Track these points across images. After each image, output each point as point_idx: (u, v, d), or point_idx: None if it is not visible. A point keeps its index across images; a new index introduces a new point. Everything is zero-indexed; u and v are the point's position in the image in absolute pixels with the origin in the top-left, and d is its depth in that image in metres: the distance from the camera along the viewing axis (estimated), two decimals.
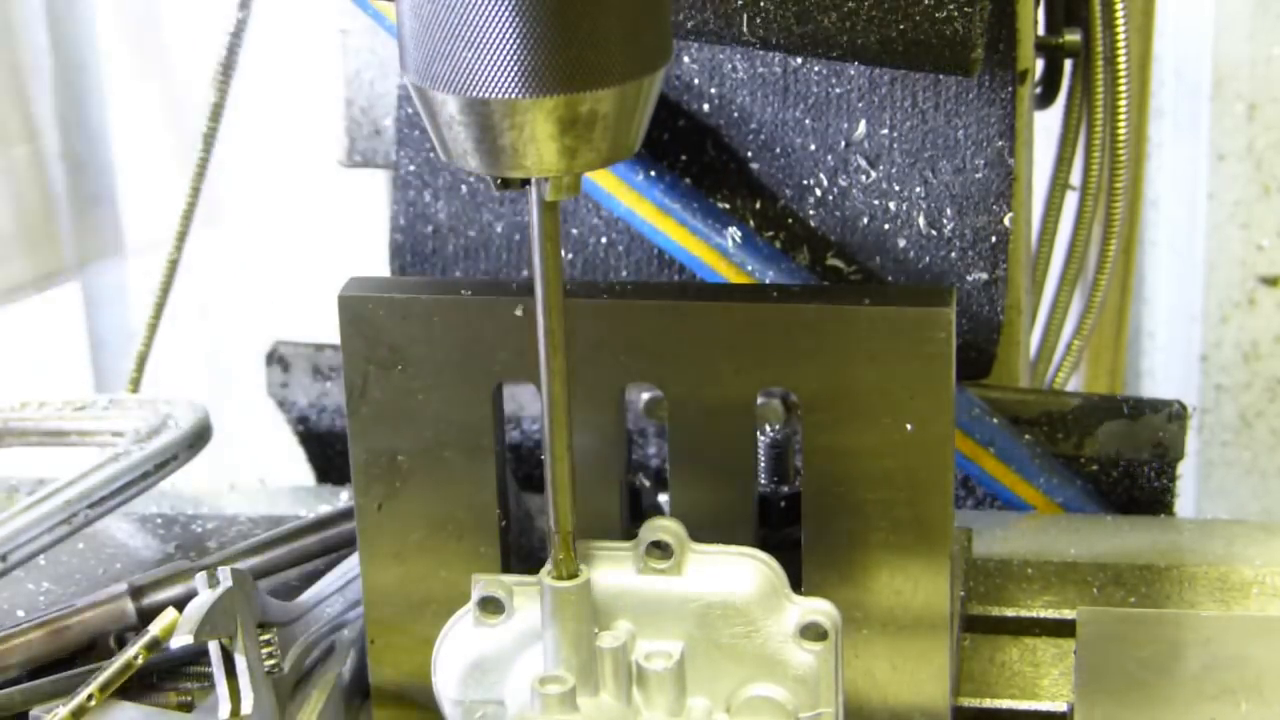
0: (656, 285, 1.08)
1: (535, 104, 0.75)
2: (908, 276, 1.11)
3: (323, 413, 1.30)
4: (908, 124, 1.09)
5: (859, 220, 1.12)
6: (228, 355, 2.22)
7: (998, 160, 1.08)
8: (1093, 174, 1.21)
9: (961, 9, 0.94)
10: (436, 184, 1.17)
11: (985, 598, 1.07)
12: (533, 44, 0.74)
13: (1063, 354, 1.31)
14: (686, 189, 1.12)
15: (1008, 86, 1.08)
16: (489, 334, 0.94)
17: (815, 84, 1.10)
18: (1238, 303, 2.02)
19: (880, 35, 0.96)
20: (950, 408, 0.91)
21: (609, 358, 0.93)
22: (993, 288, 1.10)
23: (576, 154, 0.77)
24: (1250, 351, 2.03)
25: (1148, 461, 1.17)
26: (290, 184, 2.15)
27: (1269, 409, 2.04)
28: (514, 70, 0.75)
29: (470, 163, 0.79)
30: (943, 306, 0.89)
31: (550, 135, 0.76)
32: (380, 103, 1.23)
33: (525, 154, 0.77)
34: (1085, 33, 1.15)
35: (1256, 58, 1.93)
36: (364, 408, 0.96)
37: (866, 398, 0.91)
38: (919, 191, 1.10)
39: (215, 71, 1.17)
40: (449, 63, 0.76)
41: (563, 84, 0.75)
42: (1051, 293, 1.30)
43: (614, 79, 0.76)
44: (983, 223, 1.09)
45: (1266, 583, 1.08)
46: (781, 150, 1.12)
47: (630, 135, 0.79)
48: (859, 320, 0.90)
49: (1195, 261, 2.01)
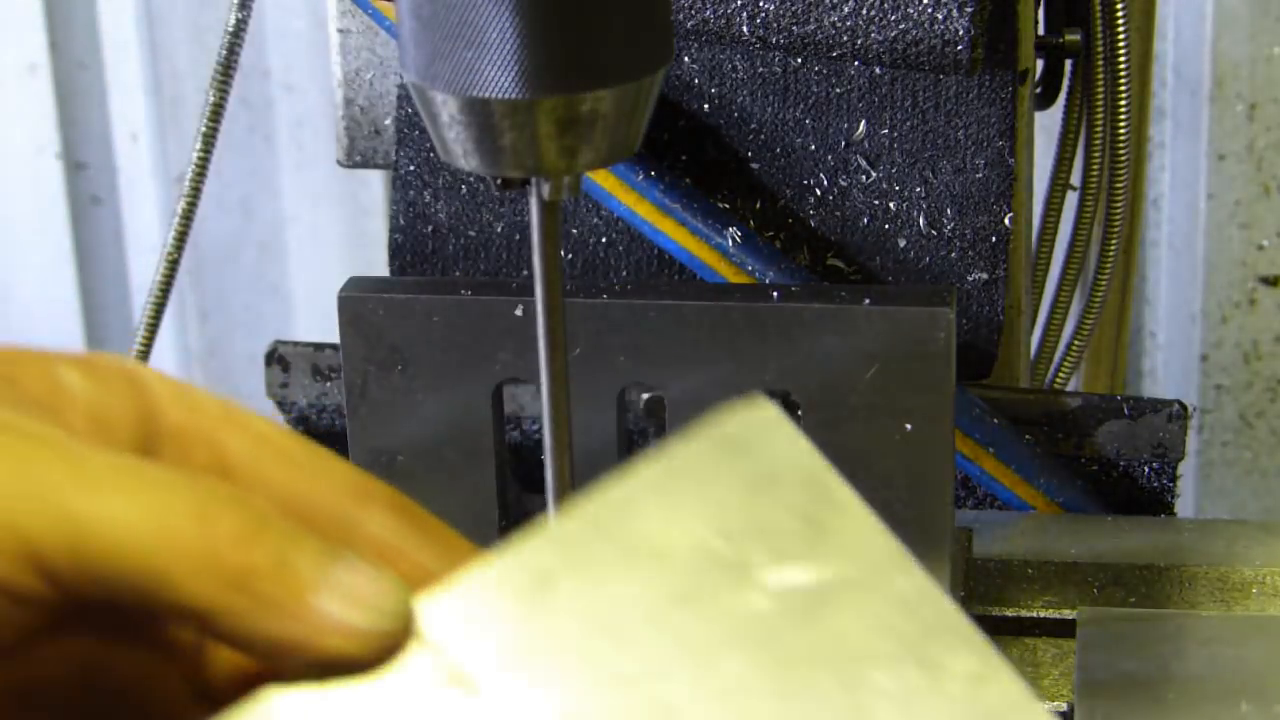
0: (656, 285, 1.08)
1: (535, 104, 0.75)
2: (908, 276, 1.11)
3: (323, 413, 1.30)
4: (908, 124, 1.09)
5: (859, 220, 1.12)
6: (227, 355, 2.22)
7: (998, 160, 1.08)
8: (1093, 174, 1.21)
9: (961, 9, 0.94)
10: (436, 184, 1.17)
11: (985, 598, 1.07)
12: (533, 44, 0.74)
13: (1063, 354, 1.30)
14: (686, 189, 1.12)
15: (1008, 86, 1.08)
16: (489, 334, 0.94)
17: (815, 84, 1.10)
18: (1238, 303, 2.01)
19: (880, 35, 0.96)
20: (950, 408, 0.91)
21: (609, 358, 0.93)
22: (993, 288, 1.10)
23: (576, 154, 0.77)
24: (1250, 351, 2.03)
25: (1148, 461, 1.17)
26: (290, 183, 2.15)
27: (1269, 409, 2.04)
28: (514, 70, 0.75)
29: (470, 163, 0.79)
30: (943, 306, 0.89)
31: (550, 135, 0.76)
32: (380, 103, 1.23)
33: (525, 154, 0.77)
34: (1085, 33, 1.15)
35: (1256, 58, 1.93)
36: (364, 408, 0.96)
37: (866, 398, 0.90)
38: (919, 191, 1.10)
39: (215, 71, 1.17)
40: (449, 63, 0.76)
41: (563, 84, 0.75)
42: (1051, 293, 1.30)
43: (614, 79, 0.76)
44: (983, 223, 1.09)
45: (1266, 583, 1.07)
46: (781, 150, 1.12)
47: (630, 135, 0.79)
48: (859, 320, 0.90)
49: (1195, 261, 2.01)
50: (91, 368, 0.56)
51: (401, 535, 0.57)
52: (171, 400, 0.57)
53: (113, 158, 2.15)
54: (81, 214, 2.16)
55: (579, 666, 0.53)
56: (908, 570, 0.55)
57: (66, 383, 0.56)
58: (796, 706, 0.53)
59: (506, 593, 0.54)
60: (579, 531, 0.55)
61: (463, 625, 0.54)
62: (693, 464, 0.55)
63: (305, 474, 0.57)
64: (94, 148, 2.15)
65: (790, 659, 0.53)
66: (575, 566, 0.54)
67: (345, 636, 0.53)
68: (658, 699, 0.53)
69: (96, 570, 0.51)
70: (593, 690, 0.53)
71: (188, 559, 0.52)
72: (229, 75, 1.18)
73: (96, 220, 2.17)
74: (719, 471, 0.55)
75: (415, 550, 0.57)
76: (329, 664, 0.53)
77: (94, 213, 2.17)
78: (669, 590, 0.54)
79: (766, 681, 0.53)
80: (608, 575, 0.54)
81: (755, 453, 0.56)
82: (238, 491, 0.53)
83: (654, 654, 0.53)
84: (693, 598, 0.54)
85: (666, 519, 0.55)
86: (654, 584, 0.54)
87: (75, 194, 2.15)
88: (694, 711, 0.53)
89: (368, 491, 0.58)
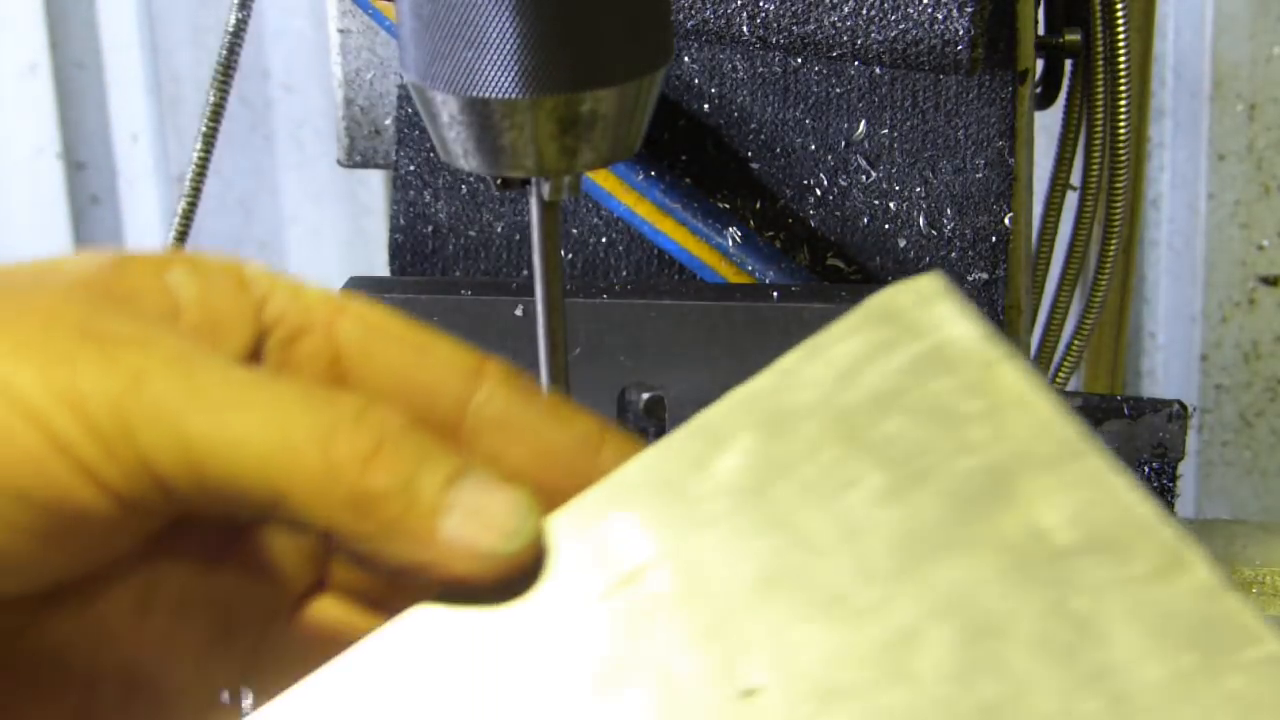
0: (656, 285, 1.08)
1: (535, 104, 0.75)
2: (908, 276, 1.11)
3: None
4: (908, 124, 1.09)
5: (859, 220, 1.12)
6: None
7: (998, 160, 1.08)
8: (1093, 174, 1.21)
9: (961, 9, 0.94)
10: (436, 184, 1.17)
11: None
12: (533, 44, 0.74)
13: (1063, 354, 1.30)
14: (686, 189, 1.12)
15: (1008, 86, 1.08)
16: (489, 334, 0.94)
17: (815, 84, 1.10)
18: (1238, 303, 2.02)
19: (880, 35, 0.96)
20: None
21: (609, 358, 0.93)
22: (993, 288, 1.10)
23: (576, 154, 0.77)
24: (1250, 351, 2.03)
25: (1148, 461, 1.17)
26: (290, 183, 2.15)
27: (1269, 409, 2.04)
28: (514, 70, 0.75)
29: (470, 163, 0.79)
30: None
31: (550, 135, 0.76)
32: (380, 103, 1.23)
33: (525, 154, 0.77)
34: (1085, 33, 1.15)
35: (1256, 58, 1.93)
36: None
37: None
38: (919, 191, 1.10)
39: (215, 71, 1.17)
40: (449, 63, 0.76)
41: (563, 84, 0.75)
42: (1051, 293, 1.30)
43: (614, 79, 0.76)
44: (983, 223, 1.09)
45: (1266, 583, 1.07)
46: (781, 150, 1.12)
47: (630, 135, 0.79)
48: None
49: (1195, 261, 2.01)
50: (199, 269, 0.55)
51: (518, 410, 0.56)
52: (279, 293, 0.56)
53: (113, 158, 2.15)
54: (81, 214, 2.16)
55: (754, 549, 0.51)
56: (1085, 456, 0.52)
57: (177, 286, 0.55)
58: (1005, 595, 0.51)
59: (657, 485, 0.52)
60: (731, 411, 0.53)
61: (615, 524, 0.52)
62: (853, 340, 0.54)
63: (417, 356, 0.56)
64: (94, 148, 2.15)
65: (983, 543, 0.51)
66: (736, 445, 0.52)
67: (474, 559, 0.51)
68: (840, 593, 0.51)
69: (214, 487, 0.51)
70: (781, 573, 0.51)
71: (309, 480, 0.50)
72: (229, 75, 1.18)
73: (96, 220, 2.17)
74: (883, 348, 0.54)
75: (533, 424, 0.56)
76: (458, 584, 0.52)
77: (94, 213, 2.17)
78: (836, 474, 0.52)
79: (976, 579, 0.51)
80: (774, 454, 0.52)
81: (921, 329, 0.54)
82: (361, 403, 0.52)
83: (816, 538, 0.51)
84: (855, 482, 0.52)
85: (823, 394, 0.53)
86: (818, 465, 0.52)
87: (75, 194, 2.15)
88: (860, 596, 0.51)
89: (481, 369, 0.57)
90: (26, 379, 0.50)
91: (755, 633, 0.51)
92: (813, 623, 0.51)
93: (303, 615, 0.58)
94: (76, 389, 0.50)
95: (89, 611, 0.55)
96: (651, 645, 0.51)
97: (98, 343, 0.51)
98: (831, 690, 0.50)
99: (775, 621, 0.51)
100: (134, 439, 0.50)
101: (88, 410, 0.50)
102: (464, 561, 0.51)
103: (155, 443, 0.50)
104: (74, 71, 2.11)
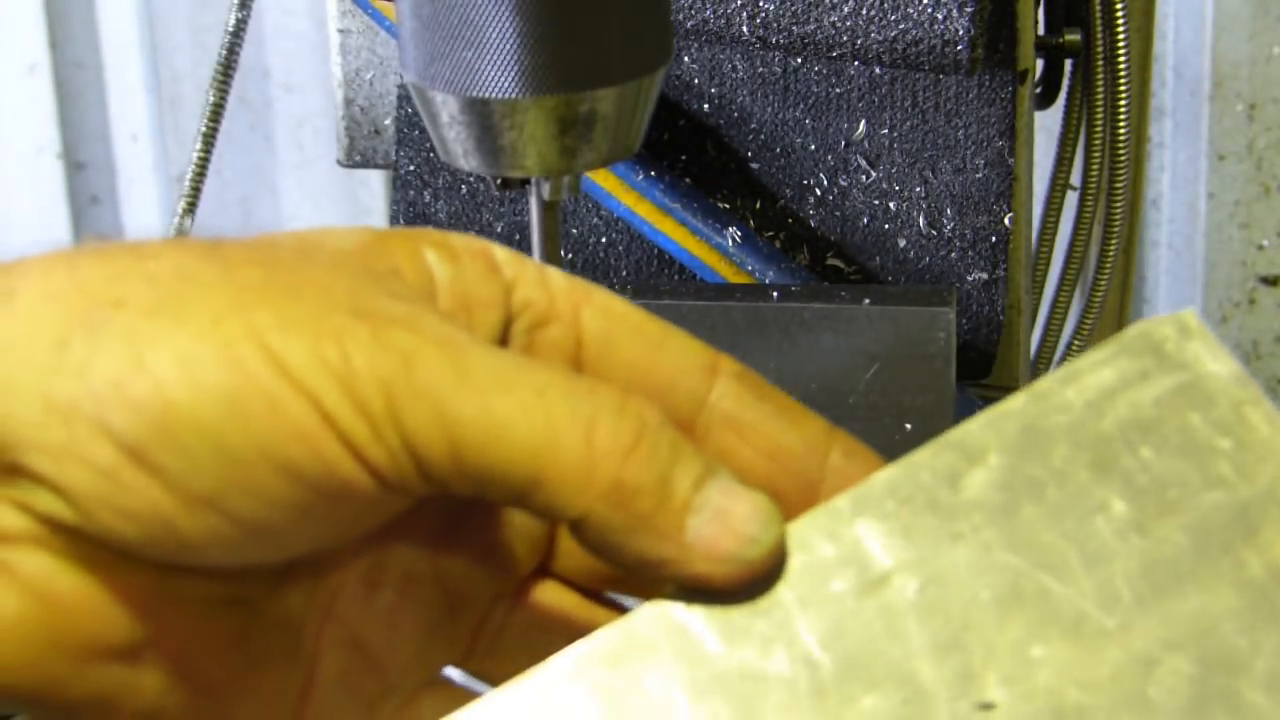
0: (656, 285, 1.08)
1: (535, 104, 0.75)
2: (908, 276, 1.11)
3: None
4: (908, 124, 1.09)
5: (859, 220, 1.12)
6: None
7: (998, 160, 1.08)
8: (1093, 174, 1.21)
9: (961, 9, 0.94)
10: (436, 184, 1.17)
11: None
12: (532, 44, 0.74)
13: (1063, 354, 1.31)
14: (686, 189, 1.12)
15: (1008, 86, 1.08)
16: None
17: (815, 84, 1.10)
18: (1238, 303, 2.02)
19: (880, 35, 0.96)
20: (950, 408, 0.91)
21: None
22: (993, 288, 1.10)
23: (576, 154, 0.77)
24: (1250, 351, 2.03)
25: None
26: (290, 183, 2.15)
27: None
28: (514, 70, 0.75)
29: (470, 163, 0.79)
30: (943, 306, 0.89)
31: (550, 135, 0.76)
32: (380, 103, 1.24)
33: (525, 154, 0.77)
34: (1085, 33, 1.15)
35: (1256, 58, 1.93)
36: None
37: (866, 397, 0.91)
38: (919, 191, 1.10)
39: (215, 71, 1.17)
40: (449, 63, 0.76)
41: (563, 84, 0.75)
42: (1051, 293, 1.30)
43: (614, 79, 0.76)
44: (983, 223, 1.09)
45: None
46: (781, 150, 1.12)
47: (630, 135, 0.79)
48: (859, 320, 0.90)
49: (1195, 261, 2.01)
50: (450, 249, 0.55)
51: (752, 409, 0.56)
52: (527, 278, 0.56)
53: (113, 158, 2.15)
54: (81, 214, 2.16)
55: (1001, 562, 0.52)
56: None
57: (431, 265, 0.55)
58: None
59: (905, 497, 0.53)
60: (983, 429, 0.54)
61: (864, 531, 0.53)
62: (1108, 369, 0.54)
63: (657, 350, 0.56)
64: (94, 148, 2.15)
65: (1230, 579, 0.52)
66: (987, 462, 0.53)
67: (716, 561, 0.51)
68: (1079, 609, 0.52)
69: (473, 471, 0.50)
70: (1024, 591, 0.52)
71: (568, 468, 0.50)
72: (229, 75, 1.18)
73: (96, 220, 2.17)
74: (1139, 378, 0.54)
75: (764, 423, 0.56)
76: (693, 585, 0.52)
77: (94, 212, 2.17)
78: (1083, 499, 0.53)
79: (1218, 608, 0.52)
80: (1024, 474, 0.53)
81: (1176, 363, 0.54)
82: (621, 395, 0.52)
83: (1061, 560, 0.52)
84: (1102, 508, 0.53)
85: (1076, 419, 0.54)
86: (1067, 489, 0.53)
87: (75, 194, 2.15)
88: (1099, 621, 0.52)
89: (716, 366, 0.57)
90: (300, 354, 0.50)
91: (995, 648, 0.52)
92: (1051, 643, 0.52)
93: (525, 600, 0.59)
94: (349, 367, 0.50)
95: (321, 585, 0.56)
96: (896, 649, 0.52)
97: (369, 322, 0.51)
98: (1066, 710, 0.51)
99: (1015, 639, 0.52)
100: (400, 420, 0.50)
101: (358, 389, 0.50)
102: (705, 563, 0.51)
103: (420, 424, 0.50)
104: (74, 71, 2.11)
